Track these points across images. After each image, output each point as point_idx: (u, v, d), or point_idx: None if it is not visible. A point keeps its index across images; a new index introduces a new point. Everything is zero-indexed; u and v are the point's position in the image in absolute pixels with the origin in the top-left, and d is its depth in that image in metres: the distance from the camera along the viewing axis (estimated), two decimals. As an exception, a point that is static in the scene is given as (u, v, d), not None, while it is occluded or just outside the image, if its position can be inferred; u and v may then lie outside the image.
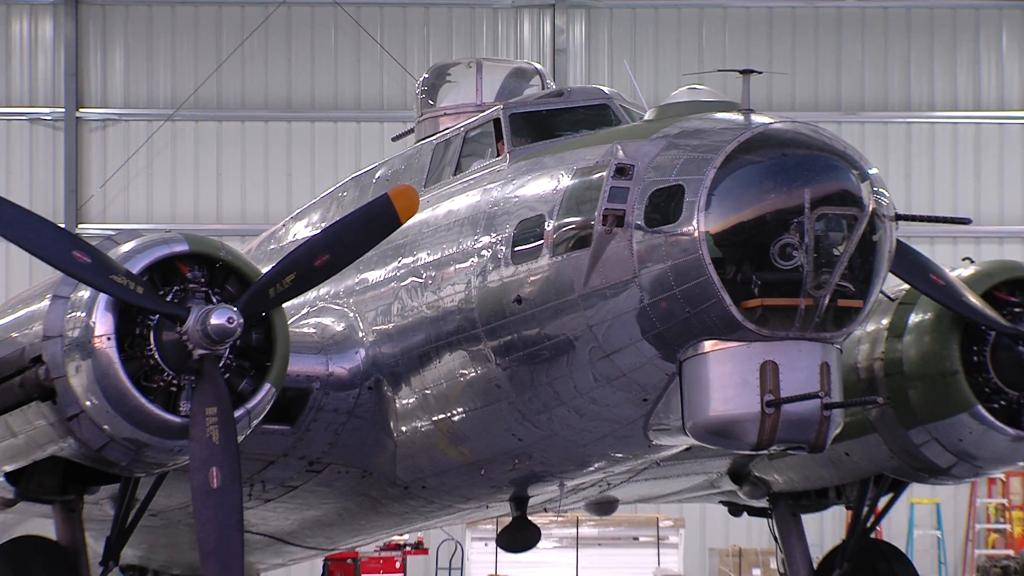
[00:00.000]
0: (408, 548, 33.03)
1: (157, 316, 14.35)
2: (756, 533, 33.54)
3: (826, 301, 13.19)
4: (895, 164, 34.18)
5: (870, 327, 15.81)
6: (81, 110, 37.37)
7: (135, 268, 14.36)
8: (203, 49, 37.43)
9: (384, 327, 16.01)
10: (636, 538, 34.29)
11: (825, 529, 29.42)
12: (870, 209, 13.15)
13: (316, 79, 37.54)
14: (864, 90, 37.66)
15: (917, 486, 17.47)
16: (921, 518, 30.73)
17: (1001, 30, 38.20)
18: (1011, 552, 30.53)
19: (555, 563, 32.22)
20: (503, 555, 29.71)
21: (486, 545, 32.76)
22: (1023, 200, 37.20)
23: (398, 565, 33.26)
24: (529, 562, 26.65)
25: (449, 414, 15.64)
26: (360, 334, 16.21)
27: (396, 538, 30.06)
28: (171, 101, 37.33)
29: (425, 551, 33.66)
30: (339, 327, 16.38)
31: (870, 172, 13.40)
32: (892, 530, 18.58)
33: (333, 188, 18.65)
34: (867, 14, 37.90)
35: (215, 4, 37.51)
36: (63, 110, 37.32)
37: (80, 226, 33.76)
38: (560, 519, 26.81)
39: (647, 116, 14.68)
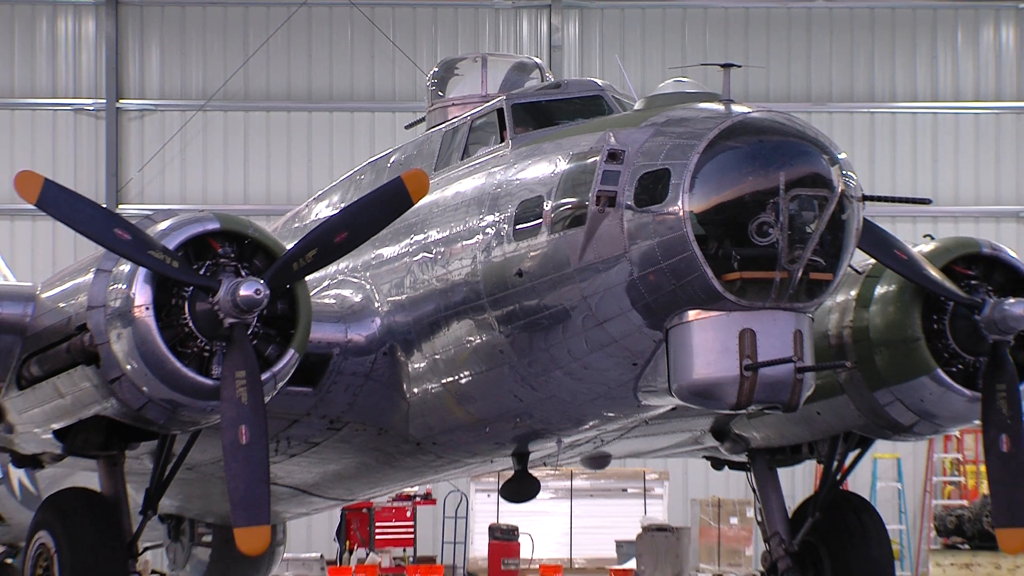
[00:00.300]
0: (418, 499, 33.03)
1: (191, 288, 14.31)
2: (733, 485, 33.53)
3: (799, 274, 13.14)
4: (860, 150, 34.13)
5: (839, 298, 15.79)
6: (121, 101, 37.26)
7: (171, 244, 14.34)
8: (231, 45, 37.32)
9: (397, 298, 16.01)
10: (625, 490, 34.26)
11: (796, 483, 29.42)
12: (839, 191, 13.11)
13: (334, 73, 37.46)
14: (832, 83, 37.62)
15: (880, 442, 17.42)
16: (883, 471, 30.70)
17: (956, 28, 38.13)
18: (965, 502, 30.53)
19: (551, 512, 32.18)
20: (504, 505, 29.74)
21: (488, 496, 32.74)
22: (975, 182, 37.21)
23: (409, 514, 33.24)
24: (528, 511, 26.67)
25: (457, 377, 15.65)
26: (376, 304, 16.21)
27: (407, 490, 29.97)
28: (202, 93, 37.22)
29: (433, 502, 33.65)
30: (357, 298, 16.38)
31: (839, 157, 13.36)
32: (856, 482, 18.62)
33: (351, 172, 18.65)
34: (834, 14, 37.83)
35: (242, 5, 37.40)
36: (104, 101, 37.21)
37: (120, 206, 33.66)
38: (556, 473, 26.79)
39: (636, 106, 14.63)
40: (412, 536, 33.39)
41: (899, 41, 38.02)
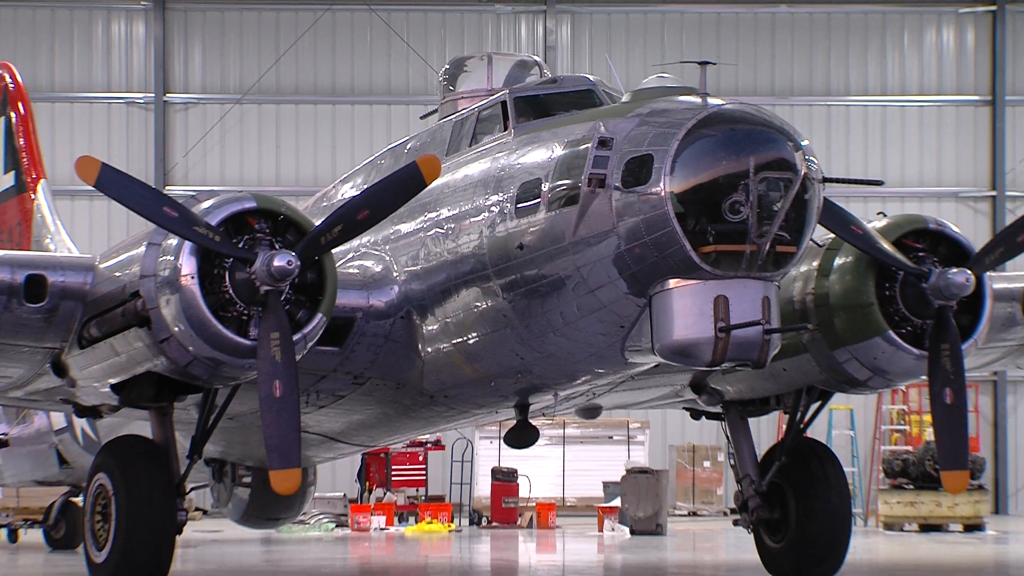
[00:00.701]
0: (429, 445, 33.03)
1: (231, 259, 14.35)
2: (706, 433, 33.54)
3: (767, 247, 13.16)
4: (818, 138, 34.00)
5: (803, 268, 15.79)
6: (167, 95, 37.17)
7: (213, 221, 14.37)
8: (265, 46, 37.20)
9: (413, 268, 16.00)
10: (611, 437, 34.24)
11: (761, 432, 29.30)
12: (802, 173, 13.13)
13: (355, 70, 37.34)
14: (793, 79, 37.51)
15: (836, 395, 17.47)
16: (838, 421, 30.68)
17: (903, 30, 38.04)
18: (910, 448, 30.46)
19: (546, 457, 32.15)
20: (505, 450, 29.76)
21: (491, 443, 32.73)
22: (919, 167, 37.13)
23: (421, 459, 33.26)
24: (526, 456, 26.67)
25: (465, 338, 15.64)
26: (394, 274, 16.19)
27: (420, 437, 29.96)
28: (239, 88, 37.11)
29: (442, 447, 33.61)
30: (377, 268, 16.36)
31: (802, 144, 13.38)
32: (815, 431, 18.65)
33: (372, 157, 18.63)
34: (795, 17, 37.73)
35: (274, 10, 37.28)
36: (153, 95, 37.11)
37: (167, 188, 33.52)
38: (551, 422, 26.68)
39: (623, 99, 14.60)
40: (424, 478, 33.38)
41: (852, 42, 37.94)
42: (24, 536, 27.13)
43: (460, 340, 15.70)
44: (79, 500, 18.81)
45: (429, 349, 16.03)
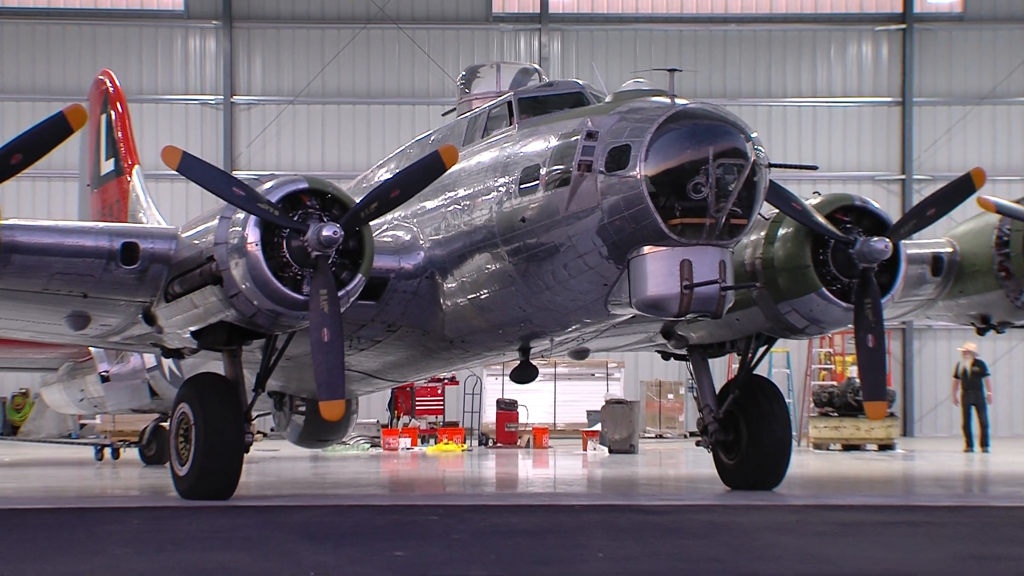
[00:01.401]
0: (446, 381, 33.07)
1: (288, 230, 14.39)
2: (670, 371, 33.53)
3: (723, 220, 13.25)
4: (763, 132, 33.42)
5: (752, 237, 15.79)
6: (234, 97, 37.09)
7: (273, 199, 14.43)
8: (312, 57, 37.09)
9: (436, 237, 16.00)
10: (593, 374, 34.29)
11: (714, 370, 29.25)
12: (752, 160, 13.20)
13: (386, 77, 37.26)
14: (741, 83, 37.48)
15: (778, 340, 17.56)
16: (777, 361, 30.70)
17: (830, 45, 38.05)
18: (835, 383, 30.46)
19: (541, 390, 32.07)
20: (508, 385, 29.79)
21: (496, 379, 32.80)
22: (843, 155, 37.21)
23: (439, 392, 33.36)
24: (524, 390, 26.74)
25: (478, 294, 15.67)
26: (420, 242, 16.18)
27: (439, 375, 30.00)
28: (292, 91, 37.03)
29: (456, 383, 33.63)
30: (407, 237, 16.35)
31: (752, 135, 13.46)
32: (758, 370, 18.72)
33: (402, 147, 18.66)
34: (743, 34, 37.72)
35: (320, 28, 37.17)
36: (222, 97, 37.02)
37: (233, 172, 33.53)
38: (545, 363, 26.61)
39: (607, 99, 14.61)
40: (441, 407, 33.44)
41: (789, 54, 37.88)
42: (123, 454, 27.18)
43: (474, 296, 15.74)
44: (166, 425, 18.79)
45: (448, 303, 16.05)
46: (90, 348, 21.76)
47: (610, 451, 28.38)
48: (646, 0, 37.70)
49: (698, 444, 17.80)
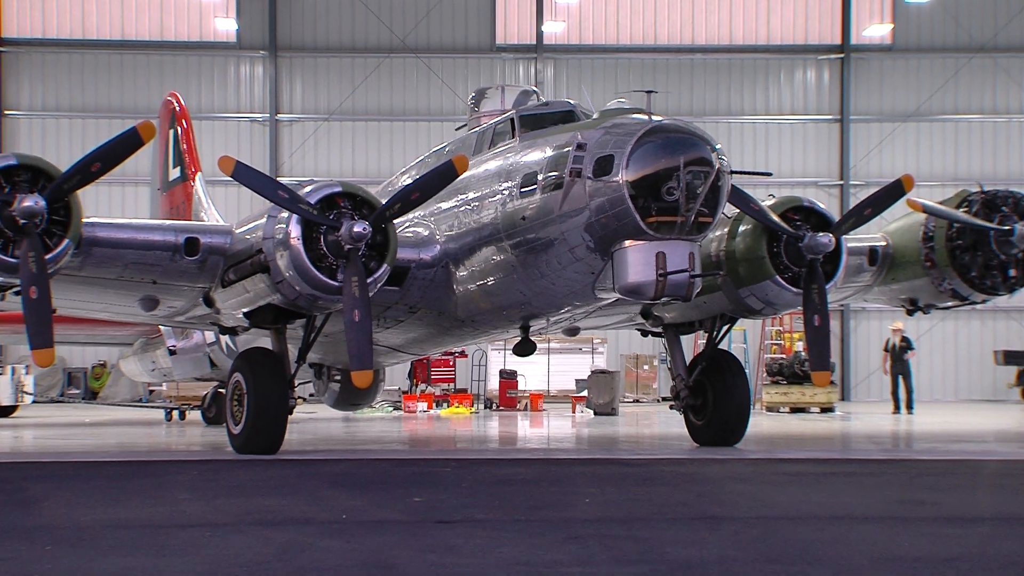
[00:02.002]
0: (457, 354, 32.98)
1: (325, 227, 14.32)
2: (646, 345, 33.59)
3: (692, 218, 13.23)
4: (725, 144, 33.54)
5: (717, 233, 15.74)
6: (278, 115, 36.97)
7: (312, 200, 14.39)
8: (344, 80, 36.98)
9: (449, 233, 15.94)
10: (581, 348, 34.11)
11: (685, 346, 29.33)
12: (716, 168, 13.19)
13: (406, 98, 37.16)
14: (705, 103, 37.42)
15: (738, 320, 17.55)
16: (735, 337, 30.47)
17: (780, 71, 37.98)
18: (784, 356, 30.45)
19: (537, 362, 31.94)
20: (510, 357, 29.84)
21: (499, 353, 32.68)
22: (791, 164, 37.12)
23: (451, 363, 33.28)
24: (523, 362, 26.68)
25: (485, 281, 15.62)
26: (437, 237, 16.12)
27: (451, 349, 29.98)
28: (327, 110, 36.92)
29: (465, 355, 33.55)
30: (425, 233, 16.29)
31: (716, 147, 13.45)
32: (720, 345, 18.83)
33: (421, 157, 18.58)
34: (707, 62, 37.68)
35: (351, 56, 37.08)
36: (268, 115, 36.92)
37: (278, 179, 33.67)
38: (541, 338, 26.61)
39: (594, 116, 14.55)
40: (453, 376, 33.37)
41: (746, 78, 37.81)
42: (188, 416, 27.21)
43: (481, 282, 15.69)
44: (223, 391, 18.76)
45: (460, 289, 16.00)
46: (159, 326, 21.74)
47: (595, 413, 28.35)
48: (625, 33, 37.63)
49: (671, 407, 17.75)
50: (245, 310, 15.77)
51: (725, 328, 17.27)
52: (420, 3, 36.93)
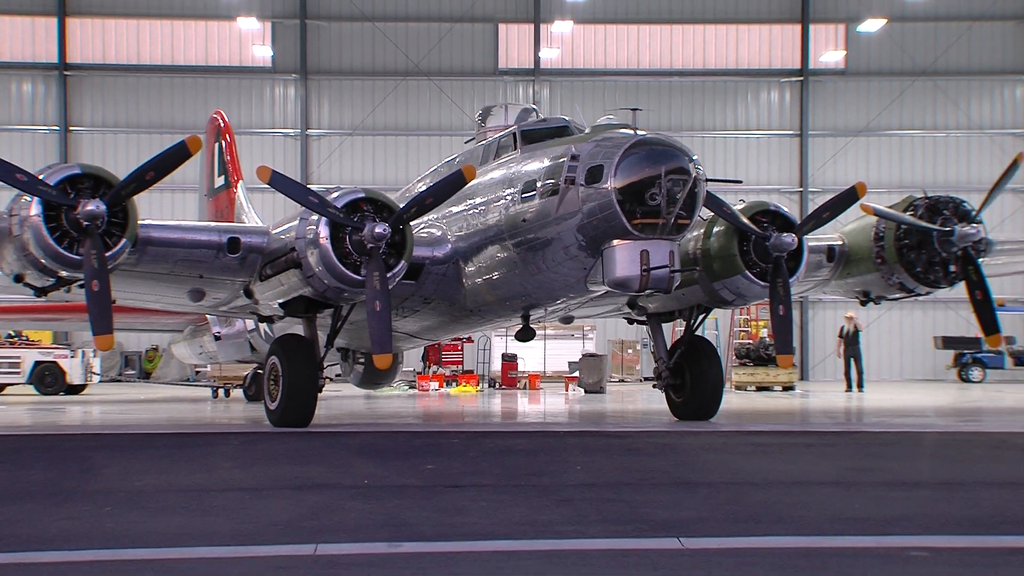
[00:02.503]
0: (464, 339, 32.88)
1: (349, 228, 14.27)
2: (630, 332, 33.49)
3: (672, 220, 13.16)
4: (700, 155, 33.93)
5: (694, 233, 15.65)
6: (308, 130, 36.88)
7: (339, 205, 14.35)
8: (366, 100, 36.90)
9: (459, 234, 15.83)
10: (573, 335, 33.98)
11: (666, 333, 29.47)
12: (693, 176, 13.10)
13: (420, 115, 37.05)
14: (683, 120, 37.25)
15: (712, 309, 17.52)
16: (708, 325, 30.39)
17: (747, 91, 37.86)
18: (751, 342, 30.40)
19: (534, 347, 31.65)
20: (511, 342, 29.76)
21: (502, 338, 32.52)
22: (757, 173, 36.90)
23: (459, 347, 33.15)
24: (523, 346, 26.57)
25: (490, 276, 15.53)
26: (448, 237, 16.02)
27: (459, 335, 29.96)
28: (351, 126, 36.83)
29: (472, 341, 33.40)
30: (438, 234, 16.19)
31: (694, 157, 13.36)
32: (697, 332, 18.80)
33: (434, 167, 18.46)
34: (683, 83, 37.55)
35: (371, 79, 36.93)
36: (299, 130, 36.84)
37: (308, 186, 33.68)
38: (539, 326, 26.56)
39: (586, 131, 14.47)
40: (461, 359, 33.28)
41: (717, 98, 37.72)
42: (232, 394, 27.18)
43: (487, 277, 15.59)
44: (262, 372, 18.73)
45: (469, 282, 15.91)
46: (206, 315, 21.70)
47: (585, 391, 28.29)
48: (612, 58, 37.52)
49: (654, 387, 17.68)
50: (280, 301, 15.73)
51: (701, 317, 17.21)
52: (432, 32, 36.82)
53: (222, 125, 24.60)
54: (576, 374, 29.67)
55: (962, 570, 6.15)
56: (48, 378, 27.54)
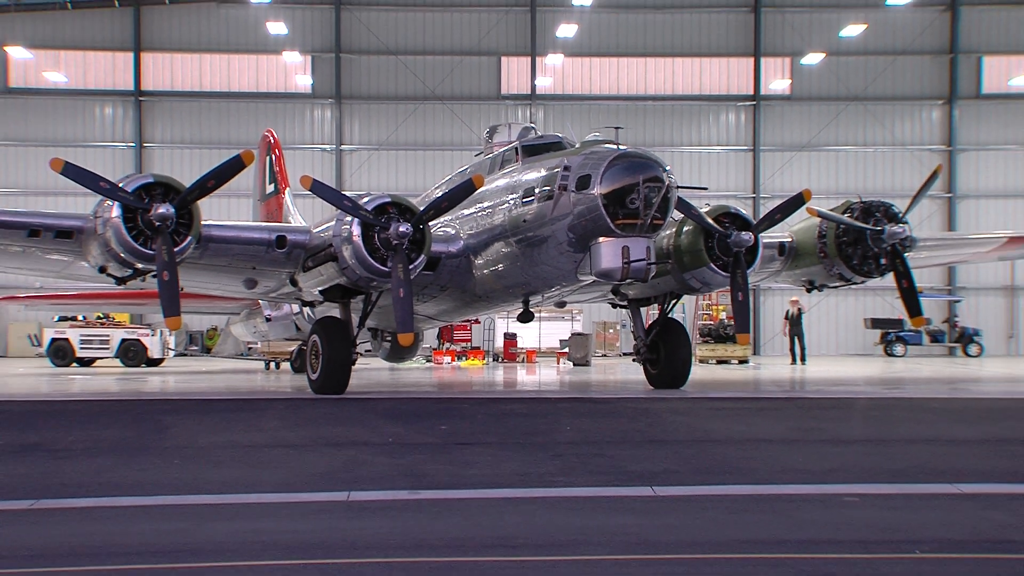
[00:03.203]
0: (472, 321, 32.63)
1: (378, 227, 14.17)
2: (612, 314, 33.26)
3: (648, 221, 13.08)
4: (673, 167, 33.71)
5: (667, 232, 15.59)
6: (342, 146, 36.62)
7: (369, 207, 14.30)
8: (390, 120, 36.64)
9: (470, 232, 15.73)
10: (563, 316, 33.73)
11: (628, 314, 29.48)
12: (666, 184, 13.03)
13: (435, 132, 36.79)
14: (655, 137, 36.85)
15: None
16: (676, 309, 30.31)
17: (711, 113, 37.60)
18: (712, 322, 30.31)
19: (530, 326, 31.26)
20: (511, 323, 29.68)
21: (503, 320, 32.42)
22: (718, 181, 36.59)
23: (468, 328, 32.91)
24: (521, 326, 26.40)
25: (496, 267, 15.42)
26: (461, 235, 15.92)
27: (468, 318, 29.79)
28: (378, 142, 36.57)
29: (479, 322, 33.10)
30: (452, 232, 16.09)
31: (667, 168, 13.27)
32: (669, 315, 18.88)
33: (448, 177, 18.33)
34: (656, 105, 37.31)
35: (394, 103, 36.63)
36: (335, 146, 36.59)
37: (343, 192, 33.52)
38: (536, 309, 26.47)
39: (577, 146, 14.34)
40: (469, 337, 33.05)
41: (684, 118, 37.46)
42: (282, 367, 27.09)
43: (494, 268, 15.49)
44: (305, 348, 18.67)
45: (478, 273, 15.81)
46: (258, 300, 21.62)
47: (574, 364, 28.22)
48: (596, 86, 37.25)
49: (633, 360, 17.59)
50: (320, 288, 15.65)
51: (673, 302, 17.13)
52: (445, 64, 36.56)
53: (272, 141, 24.58)
54: (566, 350, 29.59)
55: (886, 512, 6.15)
56: (132, 353, 27.70)
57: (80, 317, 29.05)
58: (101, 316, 29.37)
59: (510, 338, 31.68)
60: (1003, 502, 6.40)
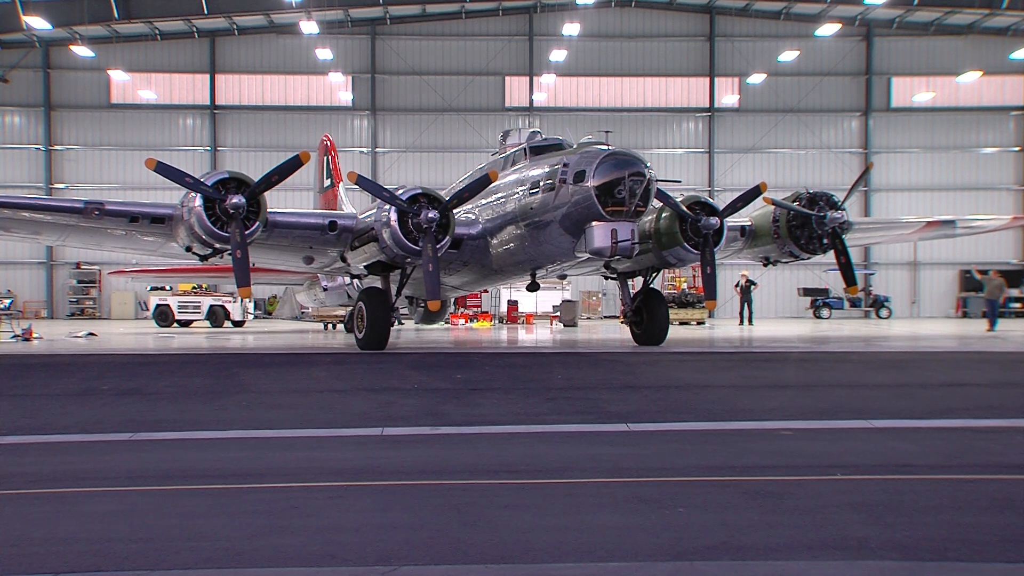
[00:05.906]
0: (482, 290, 32.29)
1: (411, 214, 13.78)
2: (596, 284, 33.05)
3: (633, 208, 12.73)
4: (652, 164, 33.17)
5: (648, 217, 15.27)
6: (376, 149, 36.16)
7: (404, 198, 13.94)
8: (415, 128, 36.18)
9: (487, 218, 15.37)
10: (555, 287, 33.35)
11: (611, 285, 28.91)
12: (648, 177, 12.69)
13: (452, 138, 36.27)
14: (632, 142, 36.34)
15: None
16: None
17: (675, 122, 37.07)
18: (676, 291, 29.98)
19: (530, 296, 31.46)
20: (514, 291, 29.28)
21: (507, 290, 31.97)
22: (686, 177, 36.04)
23: (479, 296, 32.57)
24: (522, 294, 26.11)
25: (508, 247, 15.08)
26: (480, 220, 15.54)
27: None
28: (406, 146, 36.13)
29: (487, 291, 32.88)
30: (473, 217, 15.72)
31: (648, 165, 12.91)
32: (639, 284, 18.32)
33: (468, 173, 17.90)
34: (634, 116, 36.76)
35: (419, 114, 36.13)
36: (371, 149, 36.11)
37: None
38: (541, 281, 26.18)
39: (574, 147, 13.91)
40: (480, 304, 32.78)
41: (656, 127, 36.96)
42: (333, 329, 26.72)
43: (506, 247, 15.14)
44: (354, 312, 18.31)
45: (494, 251, 15.47)
46: (316, 274, 21.32)
47: (564, 326, 27.91)
48: (582, 100, 36.69)
49: (621, 323, 17.32)
50: (364, 264, 15.30)
51: (654, 275, 16.79)
52: (460, 82, 35.97)
53: (328, 144, 24.54)
54: (558, 314, 29.25)
55: (813, 443, 6.22)
56: (218, 316, 27.41)
57: (167, 288, 28.69)
58: (196, 287, 29.22)
59: (512, 304, 31.34)
60: (907, 434, 6.49)
